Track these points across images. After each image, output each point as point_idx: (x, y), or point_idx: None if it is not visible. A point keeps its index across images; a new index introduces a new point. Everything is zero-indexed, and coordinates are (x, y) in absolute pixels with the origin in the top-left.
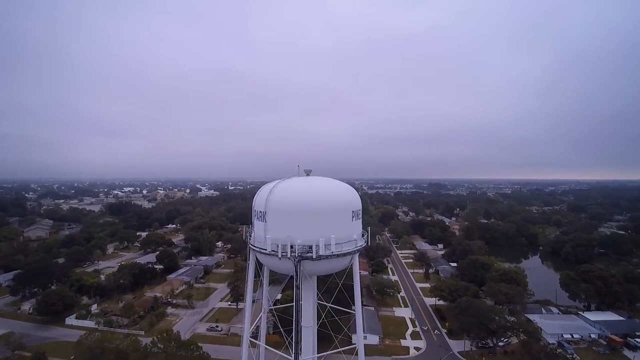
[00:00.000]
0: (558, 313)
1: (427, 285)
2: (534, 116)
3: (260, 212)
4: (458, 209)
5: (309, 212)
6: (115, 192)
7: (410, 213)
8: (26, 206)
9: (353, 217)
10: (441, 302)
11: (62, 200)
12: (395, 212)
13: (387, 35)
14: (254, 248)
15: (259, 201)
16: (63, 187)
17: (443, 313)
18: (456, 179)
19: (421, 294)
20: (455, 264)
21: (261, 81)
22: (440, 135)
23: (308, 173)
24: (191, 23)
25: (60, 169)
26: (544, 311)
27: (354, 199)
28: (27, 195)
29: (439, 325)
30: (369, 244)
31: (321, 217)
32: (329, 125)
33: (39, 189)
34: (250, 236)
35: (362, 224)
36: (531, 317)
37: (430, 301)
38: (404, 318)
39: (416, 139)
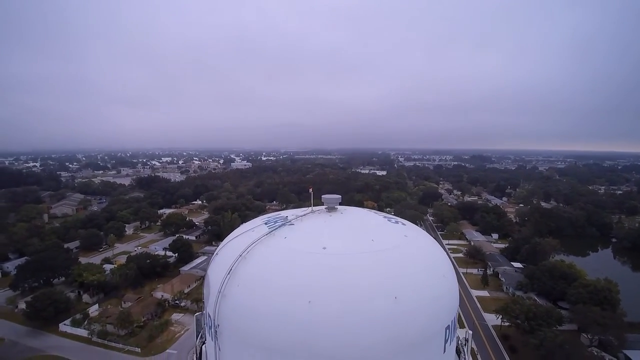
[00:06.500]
0: None
1: (485, 293)
2: (591, 80)
3: (210, 318)
4: (510, 187)
5: (334, 350)
6: (153, 162)
7: (455, 191)
8: (60, 179)
9: (447, 338)
10: (507, 322)
11: (100, 172)
12: (439, 192)
13: None
14: None
15: (209, 292)
16: (106, 157)
17: (513, 343)
18: (500, 149)
19: (479, 306)
20: (520, 265)
21: (280, 46)
22: (480, 100)
23: (331, 208)
24: None
25: (108, 139)
26: None
27: (449, 289)
28: (70, 166)
29: None
30: None
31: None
32: (356, 92)
33: (84, 159)
34: (200, 353)
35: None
36: (632, 354)
37: (491, 319)
38: None
39: (453, 105)
